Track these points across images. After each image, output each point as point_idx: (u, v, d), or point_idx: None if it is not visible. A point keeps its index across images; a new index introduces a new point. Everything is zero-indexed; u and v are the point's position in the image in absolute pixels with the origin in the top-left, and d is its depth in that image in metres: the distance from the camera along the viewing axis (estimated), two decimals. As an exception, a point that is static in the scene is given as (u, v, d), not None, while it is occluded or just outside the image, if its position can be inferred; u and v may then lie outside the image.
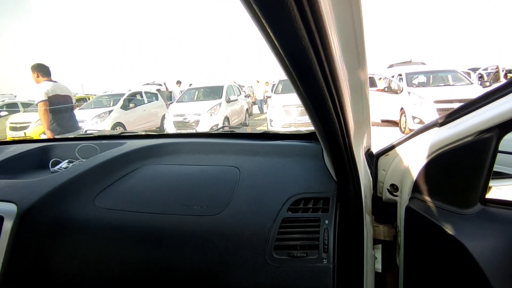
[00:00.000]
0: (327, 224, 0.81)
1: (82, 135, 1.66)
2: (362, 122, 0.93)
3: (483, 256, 0.66)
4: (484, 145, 0.66)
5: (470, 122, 0.68)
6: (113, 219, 0.88)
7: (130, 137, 1.50)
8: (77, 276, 0.84)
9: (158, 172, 1.08)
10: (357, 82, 0.74)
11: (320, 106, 0.62)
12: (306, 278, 0.75)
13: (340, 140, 0.76)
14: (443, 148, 0.74)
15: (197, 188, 0.96)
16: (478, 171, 0.68)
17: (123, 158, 1.13)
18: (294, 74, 0.51)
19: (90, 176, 1.00)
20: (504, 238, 0.67)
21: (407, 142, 0.85)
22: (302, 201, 0.87)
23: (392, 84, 7.82)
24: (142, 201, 0.93)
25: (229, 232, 0.81)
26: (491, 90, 0.67)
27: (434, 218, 0.73)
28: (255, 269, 0.77)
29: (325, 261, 0.76)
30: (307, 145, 1.12)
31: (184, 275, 0.80)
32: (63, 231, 0.86)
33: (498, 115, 0.63)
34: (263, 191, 0.92)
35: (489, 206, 0.73)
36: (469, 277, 0.68)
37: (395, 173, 0.88)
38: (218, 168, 1.07)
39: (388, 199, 0.93)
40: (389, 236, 0.98)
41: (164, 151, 1.21)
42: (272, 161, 1.07)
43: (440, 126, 0.76)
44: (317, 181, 0.94)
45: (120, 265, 0.83)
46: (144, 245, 0.83)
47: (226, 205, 0.87)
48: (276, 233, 0.80)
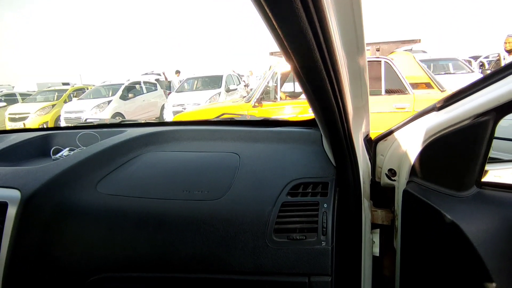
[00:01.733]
0: (325, 208, 0.82)
1: (83, 123, 1.67)
2: (361, 108, 0.94)
3: (478, 237, 0.68)
4: (481, 128, 0.67)
5: (467, 106, 0.69)
6: (115, 205, 0.89)
7: (130, 125, 1.51)
8: (82, 260, 0.86)
9: (158, 159, 1.09)
10: (356, 68, 0.75)
11: (319, 91, 0.62)
12: (305, 259, 0.77)
13: (339, 126, 0.77)
14: (440, 132, 0.74)
15: (198, 174, 0.98)
16: (475, 154, 0.69)
17: (124, 145, 1.13)
18: (293, 58, 0.51)
19: (92, 163, 1.01)
20: (498, 220, 0.68)
21: (406, 127, 0.86)
22: (301, 185, 0.89)
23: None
24: (143, 187, 0.94)
25: (229, 216, 0.83)
26: (489, 73, 0.68)
27: (430, 201, 0.75)
28: (255, 251, 0.79)
29: (323, 244, 0.78)
30: (306, 131, 1.13)
31: (186, 258, 0.82)
32: (66, 216, 0.88)
33: (495, 99, 0.63)
34: (263, 176, 0.93)
35: (484, 189, 0.74)
36: (463, 257, 0.70)
37: (393, 158, 0.90)
38: (218, 154, 1.08)
39: (386, 184, 0.94)
40: (387, 220, 1.00)
41: (164, 138, 1.22)
42: (271, 147, 1.09)
43: (438, 110, 0.76)
44: (316, 166, 0.96)
45: (123, 249, 0.85)
46: (146, 229, 0.85)
47: (226, 190, 0.89)
48: (275, 217, 0.81)
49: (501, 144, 1.65)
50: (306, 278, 0.77)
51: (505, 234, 0.67)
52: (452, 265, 0.75)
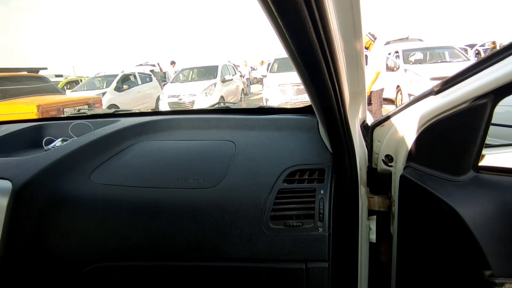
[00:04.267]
0: (322, 194, 0.82)
1: (76, 114, 1.64)
2: (357, 94, 0.92)
3: (474, 221, 0.68)
4: (479, 111, 0.66)
5: (465, 89, 0.68)
6: (109, 194, 0.88)
7: (124, 115, 1.48)
8: (77, 250, 0.86)
9: (153, 148, 1.07)
10: (353, 53, 0.74)
11: (315, 75, 0.61)
12: (302, 246, 0.77)
13: (336, 111, 0.76)
14: (438, 116, 0.74)
15: (193, 162, 0.96)
16: (472, 137, 0.69)
17: (118, 134, 1.12)
18: (290, 41, 0.50)
19: (85, 153, 0.99)
20: (495, 203, 0.68)
21: (403, 112, 0.85)
22: (298, 172, 0.88)
23: (388, 62, 7.74)
24: (137, 176, 0.93)
25: (225, 203, 0.82)
26: (487, 56, 0.67)
27: (427, 186, 0.74)
28: (252, 238, 0.78)
29: (320, 230, 0.78)
30: (303, 118, 1.12)
31: (182, 246, 0.81)
32: (60, 207, 0.86)
33: (493, 80, 0.62)
34: (259, 163, 0.92)
35: (481, 173, 0.74)
36: (460, 241, 0.70)
37: (390, 143, 0.89)
38: (213, 142, 1.07)
39: (383, 170, 0.94)
40: (384, 206, 1.00)
41: (159, 127, 1.20)
42: (267, 135, 1.07)
43: (436, 94, 0.75)
44: (312, 153, 0.95)
45: (119, 239, 0.84)
46: (141, 218, 0.84)
47: (222, 178, 0.88)
48: (272, 204, 0.81)
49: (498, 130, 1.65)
50: (303, 264, 0.77)
51: (501, 218, 0.67)
52: (449, 250, 0.75)
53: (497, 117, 1.67)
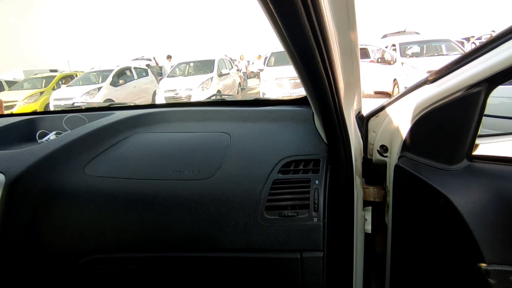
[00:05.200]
0: (317, 184, 0.82)
1: (70, 107, 1.63)
2: (352, 84, 0.92)
3: (467, 209, 0.68)
4: (473, 99, 0.67)
5: (459, 78, 0.68)
6: (104, 186, 0.88)
7: (119, 108, 1.47)
8: (72, 242, 0.85)
9: (148, 140, 1.07)
10: (347, 44, 0.74)
11: (310, 66, 0.61)
12: (297, 236, 0.77)
13: (330, 102, 0.76)
14: (432, 105, 0.74)
15: (188, 154, 0.96)
16: (466, 126, 0.69)
17: (113, 127, 1.11)
18: (284, 32, 0.50)
19: (79, 145, 0.98)
20: (488, 191, 0.69)
21: (397, 102, 0.85)
22: (293, 163, 0.88)
23: (385, 55, 7.73)
24: (132, 168, 0.92)
25: (220, 194, 0.82)
26: (480, 45, 0.66)
27: (421, 175, 0.75)
28: (247, 229, 0.79)
29: (315, 220, 0.78)
30: (298, 110, 1.12)
31: (177, 237, 0.81)
32: (54, 199, 0.86)
33: (487, 68, 0.62)
34: (254, 154, 0.92)
35: (475, 162, 0.74)
36: (453, 229, 0.71)
37: (385, 134, 0.89)
38: (208, 134, 1.06)
39: (378, 161, 0.94)
40: (379, 197, 1.01)
41: (154, 119, 1.20)
42: (263, 126, 1.07)
43: (430, 83, 0.75)
44: (307, 144, 0.95)
45: (114, 230, 0.84)
46: (136, 210, 0.84)
47: (217, 169, 0.88)
48: (267, 194, 0.81)
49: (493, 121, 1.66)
50: (298, 254, 0.78)
51: (494, 206, 0.68)
52: (442, 238, 0.75)
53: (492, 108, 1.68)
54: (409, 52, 7.56)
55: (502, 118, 1.55)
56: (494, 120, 1.56)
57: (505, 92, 1.71)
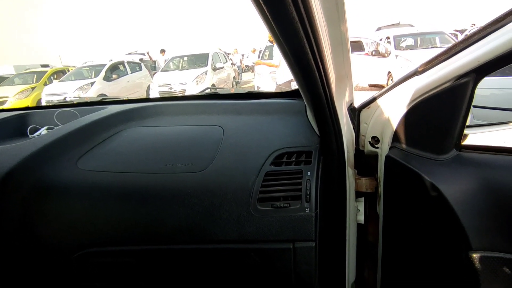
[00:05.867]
0: (309, 176, 0.83)
1: (61, 102, 1.61)
2: (343, 76, 0.93)
3: (455, 197, 0.70)
4: (461, 90, 0.67)
5: (448, 68, 0.68)
6: (97, 180, 0.87)
7: (111, 102, 1.46)
8: (66, 237, 0.85)
9: (141, 134, 1.06)
10: (337, 37, 0.74)
11: (300, 58, 0.62)
12: (289, 226, 0.78)
13: (321, 93, 0.76)
14: (422, 96, 0.74)
15: (181, 147, 0.96)
16: (455, 116, 0.70)
17: (105, 121, 1.10)
18: (274, 26, 0.51)
19: (71, 140, 0.98)
20: (476, 180, 0.70)
21: (388, 93, 0.86)
22: (285, 155, 0.89)
23: (379, 48, 7.73)
24: (125, 162, 0.92)
25: (213, 187, 0.82)
26: (468, 35, 0.67)
27: (411, 165, 0.76)
28: (240, 220, 0.79)
29: (307, 210, 0.79)
30: (291, 102, 1.12)
31: (171, 230, 0.82)
32: (47, 194, 0.86)
33: (475, 59, 0.63)
34: (247, 147, 0.92)
35: (463, 152, 0.75)
36: (441, 217, 0.73)
37: (376, 125, 0.90)
38: (201, 127, 1.07)
39: (370, 152, 0.95)
40: (371, 188, 1.02)
41: (146, 113, 1.19)
42: (255, 119, 1.07)
43: (420, 74, 0.76)
44: (300, 136, 0.95)
45: (108, 224, 0.84)
46: (130, 203, 0.84)
47: (210, 162, 0.88)
48: (259, 186, 0.81)
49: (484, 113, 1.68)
50: (291, 244, 0.79)
51: (481, 194, 0.69)
52: (431, 226, 0.77)
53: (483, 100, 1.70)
54: (403, 44, 7.57)
55: (493, 109, 1.58)
56: (485, 111, 1.58)
57: (495, 83, 1.73)
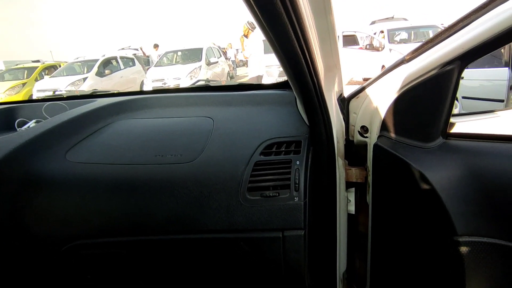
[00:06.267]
0: (298, 165, 0.83)
1: (50, 96, 1.59)
2: (332, 67, 0.93)
3: (441, 184, 0.71)
4: (446, 77, 0.68)
5: (434, 56, 0.69)
6: (86, 172, 0.87)
7: (101, 95, 1.45)
8: (55, 229, 0.85)
9: (130, 126, 1.06)
10: (324, 28, 0.76)
11: (287, 49, 0.63)
12: (278, 215, 0.79)
13: (309, 82, 0.76)
14: (409, 84, 0.75)
15: (171, 138, 0.96)
16: (441, 103, 0.71)
17: (94, 113, 1.09)
18: (261, 18, 0.53)
19: (60, 132, 0.97)
20: (462, 167, 0.71)
21: (377, 83, 0.86)
22: (275, 145, 0.89)
23: (374, 42, 7.74)
24: (115, 153, 0.92)
25: (203, 177, 0.82)
26: (453, 22, 0.68)
27: (399, 153, 0.77)
28: (230, 210, 0.80)
29: (296, 199, 0.79)
30: (280, 93, 1.12)
31: (161, 220, 0.82)
32: (35, 186, 0.85)
33: (459, 46, 0.64)
34: (237, 137, 0.93)
35: (450, 140, 0.76)
36: (428, 204, 0.74)
37: (365, 114, 0.90)
38: (191, 119, 1.06)
39: (359, 141, 0.96)
40: (361, 177, 1.03)
41: (136, 106, 1.18)
42: (245, 110, 1.07)
43: (407, 63, 0.76)
44: (289, 126, 0.96)
45: (97, 216, 0.84)
46: (119, 195, 0.84)
47: (200, 153, 0.88)
48: (249, 176, 0.82)
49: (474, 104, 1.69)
50: (280, 232, 0.79)
51: (467, 180, 0.70)
52: (418, 213, 0.78)
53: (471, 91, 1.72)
54: (397, 38, 7.59)
55: (482, 100, 1.59)
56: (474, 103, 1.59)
57: (484, 74, 1.75)
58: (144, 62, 10.79)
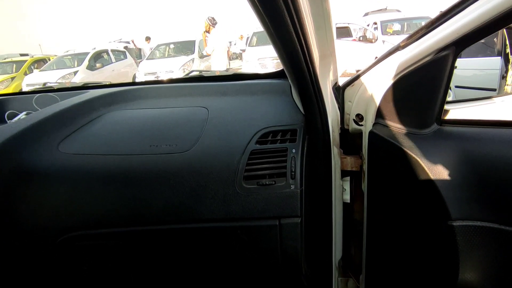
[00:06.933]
0: (294, 153, 0.83)
1: (41, 88, 1.56)
2: (328, 55, 0.93)
3: (436, 170, 0.71)
4: (441, 63, 0.68)
5: (428, 42, 0.69)
6: (79, 164, 0.86)
7: (93, 87, 1.42)
8: (49, 221, 0.84)
9: (124, 117, 1.04)
10: (320, 15, 0.76)
11: (283, 35, 0.63)
12: (275, 203, 0.79)
13: (305, 69, 0.76)
14: (404, 71, 0.75)
15: (165, 129, 0.95)
16: (436, 90, 0.71)
17: (87, 104, 1.07)
18: (259, 9, 0.53)
19: (52, 123, 0.95)
20: (456, 152, 0.72)
21: (372, 70, 0.86)
22: (271, 134, 0.89)
23: (367, 33, 7.73)
24: (108, 144, 0.91)
25: (198, 166, 0.82)
26: (448, 8, 0.67)
27: (393, 140, 0.77)
28: (226, 199, 0.80)
29: (292, 187, 0.79)
30: (276, 82, 1.11)
31: (157, 210, 0.82)
32: (28, 179, 0.84)
33: (454, 31, 0.64)
34: (232, 127, 0.92)
35: (444, 126, 0.77)
36: (422, 190, 0.74)
37: (360, 102, 0.90)
38: (186, 109, 1.05)
39: (354, 130, 0.96)
40: (356, 166, 1.03)
41: (130, 96, 1.16)
42: (241, 100, 1.07)
43: (402, 49, 0.76)
44: (285, 115, 0.95)
45: (92, 207, 0.83)
46: (114, 185, 0.83)
47: (195, 143, 0.87)
48: (245, 165, 0.81)
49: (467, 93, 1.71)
50: (277, 220, 0.80)
51: (461, 166, 0.71)
52: (413, 199, 0.79)
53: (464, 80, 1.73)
54: (390, 30, 7.59)
55: (475, 89, 1.61)
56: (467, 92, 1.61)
57: (477, 64, 1.76)
58: (136, 55, 10.63)
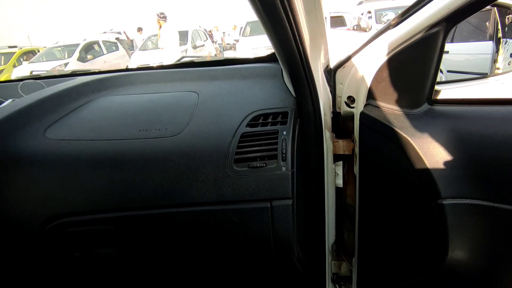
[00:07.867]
0: (285, 135, 0.82)
1: (27, 76, 1.52)
2: (318, 37, 0.92)
3: (426, 149, 0.71)
4: (432, 40, 0.67)
5: (419, 19, 0.68)
6: (67, 150, 0.84)
7: (81, 74, 1.39)
8: (37, 209, 0.83)
9: (113, 102, 1.02)
10: None
11: (272, 15, 0.63)
12: (266, 185, 0.79)
13: (295, 50, 0.75)
14: (394, 50, 0.74)
15: (155, 113, 0.93)
16: (427, 68, 0.70)
17: (75, 90, 1.05)
18: None
19: (38, 109, 0.93)
20: (446, 131, 0.72)
21: (363, 51, 0.85)
22: (261, 117, 0.88)
23: (361, 22, 7.68)
24: (97, 130, 0.89)
25: (189, 150, 0.81)
26: None
27: (384, 120, 0.77)
28: (217, 182, 0.79)
29: (283, 169, 0.79)
30: (267, 66, 1.10)
31: (148, 194, 0.81)
32: (13, 166, 0.82)
33: (445, 7, 0.63)
34: (222, 111, 0.91)
35: (435, 106, 0.77)
36: (412, 169, 0.75)
37: (352, 84, 0.90)
38: (176, 94, 1.04)
39: (346, 113, 0.95)
40: (348, 149, 1.03)
41: (119, 82, 1.14)
42: (231, 84, 1.05)
43: (393, 28, 0.75)
44: (276, 98, 0.94)
45: (81, 192, 0.82)
46: (103, 170, 0.82)
47: (185, 126, 0.86)
48: (235, 148, 0.81)
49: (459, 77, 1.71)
50: (268, 203, 0.79)
51: (451, 144, 0.71)
52: (403, 179, 0.79)
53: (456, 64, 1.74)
54: (384, 19, 7.54)
55: (466, 74, 1.61)
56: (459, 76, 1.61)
57: (469, 48, 1.76)
58: (128, 46, 10.47)
